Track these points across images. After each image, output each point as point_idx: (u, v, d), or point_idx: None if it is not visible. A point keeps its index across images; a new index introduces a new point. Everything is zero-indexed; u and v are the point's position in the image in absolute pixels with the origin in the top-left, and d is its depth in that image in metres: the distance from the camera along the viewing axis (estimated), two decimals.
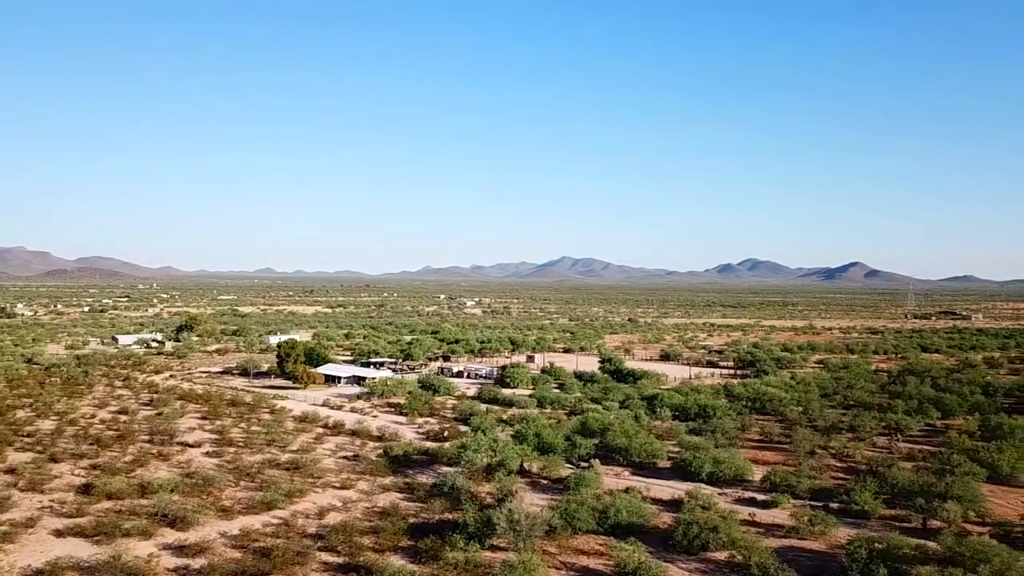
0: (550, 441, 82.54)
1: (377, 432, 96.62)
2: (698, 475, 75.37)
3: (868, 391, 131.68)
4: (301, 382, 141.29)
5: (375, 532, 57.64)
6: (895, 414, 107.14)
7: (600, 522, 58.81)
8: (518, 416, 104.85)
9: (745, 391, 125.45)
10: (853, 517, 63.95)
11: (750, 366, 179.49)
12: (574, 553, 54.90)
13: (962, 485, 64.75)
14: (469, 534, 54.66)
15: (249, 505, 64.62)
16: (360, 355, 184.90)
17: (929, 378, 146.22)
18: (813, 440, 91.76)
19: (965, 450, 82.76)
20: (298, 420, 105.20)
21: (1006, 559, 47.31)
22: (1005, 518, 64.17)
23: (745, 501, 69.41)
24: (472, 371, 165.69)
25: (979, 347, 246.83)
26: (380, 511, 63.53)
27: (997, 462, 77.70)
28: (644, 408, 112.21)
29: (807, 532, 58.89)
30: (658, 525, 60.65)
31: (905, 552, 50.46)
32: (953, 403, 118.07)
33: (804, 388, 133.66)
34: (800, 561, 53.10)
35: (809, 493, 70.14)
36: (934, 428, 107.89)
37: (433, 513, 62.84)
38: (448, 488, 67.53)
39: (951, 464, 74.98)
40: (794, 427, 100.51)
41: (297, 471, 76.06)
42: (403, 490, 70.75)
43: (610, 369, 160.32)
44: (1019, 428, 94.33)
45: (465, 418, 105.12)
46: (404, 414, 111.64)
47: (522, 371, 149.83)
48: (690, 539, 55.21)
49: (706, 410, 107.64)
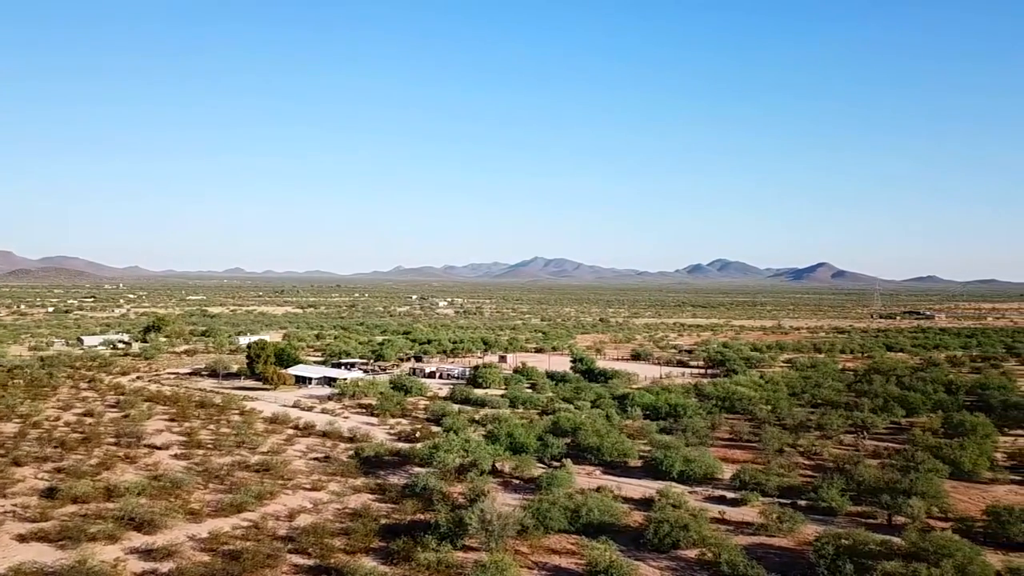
0: (522, 441, 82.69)
1: (348, 433, 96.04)
2: (669, 474, 76.00)
3: (835, 390, 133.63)
4: (271, 383, 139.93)
5: (346, 533, 57.32)
6: (861, 412, 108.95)
7: (572, 521, 59.07)
8: (490, 416, 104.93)
9: (715, 390, 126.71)
10: (821, 514, 64.93)
11: (720, 365, 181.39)
12: (546, 552, 55.06)
13: (926, 482, 66.16)
14: (441, 534, 54.60)
15: (218, 507, 63.89)
16: (331, 356, 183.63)
17: (894, 377, 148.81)
18: (782, 438, 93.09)
19: (929, 447, 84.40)
20: (268, 421, 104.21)
21: (968, 554, 48.38)
22: (967, 514, 65.49)
23: (715, 499, 70.13)
24: (444, 371, 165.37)
25: (942, 346, 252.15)
26: (351, 512, 63.19)
27: (959, 459, 79.40)
28: (615, 407, 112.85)
29: (776, 529, 59.66)
30: (629, 524, 61.05)
31: (871, 548, 51.37)
32: (917, 401, 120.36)
33: (773, 387, 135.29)
34: (769, 558, 53.81)
35: (778, 491, 71.06)
36: (899, 426, 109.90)
37: (405, 514, 62.64)
38: (420, 489, 67.36)
39: (915, 461, 76.48)
40: (763, 426, 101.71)
41: (267, 473, 75.34)
42: (375, 491, 70.40)
43: (582, 369, 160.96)
44: (980, 425, 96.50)
45: (437, 419, 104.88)
46: (376, 415, 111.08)
47: (494, 371, 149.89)
48: (661, 537, 55.64)
49: (676, 409, 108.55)
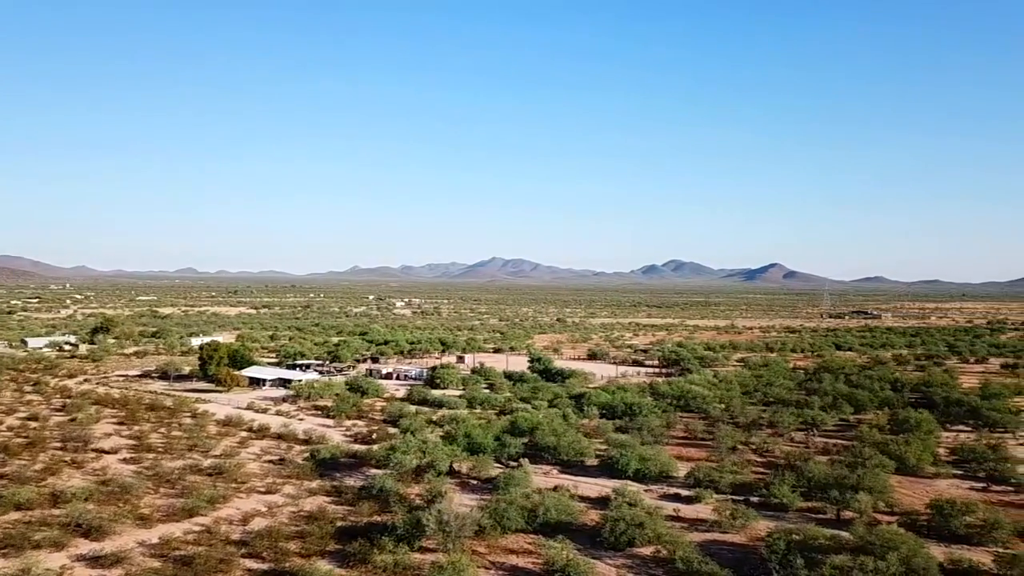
0: (480, 441, 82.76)
1: (304, 435, 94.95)
2: (625, 472, 76.79)
3: (786, 388, 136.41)
4: (224, 385, 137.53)
5: (301, 537, 56.74)
6: (811, 410, 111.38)
7: (529, 521, 59.34)
8: (448, 417, 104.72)
9: (670, 389, 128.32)
10: (772, 510, 66.28)
11: (674, 365, 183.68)
12: (504, 552, 55.21)
13: (872, 477, 68.07)
14: (398, 536, 54.36)
15: (169, 512, 62.66)
16: (286, 357, 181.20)
17: (843, 375, 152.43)
18: (735, 436, 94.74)
19: (875, 443, 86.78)
20: (221, 424, 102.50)
21: (913, 547, 49.89)
22: (912, 507, 67.50)
23: (670, 497, 71.09)
24: (401, 372, 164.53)
25: (888, 345, 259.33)
26: (307, 515, 62.54)
27: (904, 454, 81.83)
28: (572, 407, 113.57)
29: (729, 526, 60.76)
30: (586, 522, 61.54)
31: (820, 543, 52.65)
32: (865, 399, 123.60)
33: (726, 386, 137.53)
34: (722, 554, 54.74)
35: (731, 488, 72.35)
36: (847, 423, 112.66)
37: (361, 516, 62.22)
38: (377, 490, 66.98)
39: (862, 457, 78.61)
40: (717, 424, 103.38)
41: (220, 476, 74.09)
42: (330, 493, 69.77)
43: (539, 369, 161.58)
44: (924, 422, 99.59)
45: (394, 420, 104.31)
46: (331, 417, 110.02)
47: (452, 372, 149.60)
48: (617, 535, 56.23)
49: (632, 408, 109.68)
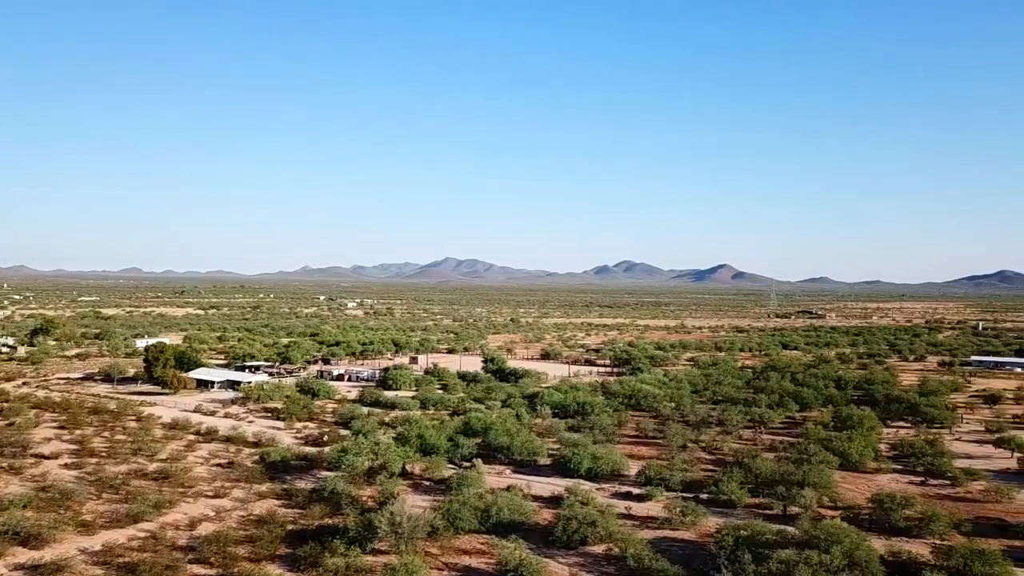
0: (433, 442, 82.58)
1: (253, 438, 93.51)
2: (577, 471, 77.42)
3: (735, 387, 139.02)
4: (171, 387, 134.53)
5: (251, 541, 55.94)
6: (759, 408, 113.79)
7: (482, 521, 59.46)
8: (401, 418, 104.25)
9: (621, 388, 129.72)
10: (721, 506, 67.54)
11: (626, 364, 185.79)
12: (457, 553, 55.19)
13: (817, 473, 69.89)
14: (350, 539, 53.97)
15: (113, 519, 61.15)
16: (235, 359, 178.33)
17: (789, 373, 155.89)
18: (685, 434, 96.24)
19: (820, 440, 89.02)
20: (168, 427, 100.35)
21: (855, 540, 51.40)
22: (855, 502, 69.53)
23: (622, 495, 71.93)
24: (353, 374, 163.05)
25: (832, 344, 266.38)
26: (256, 519, 61.68)
27: (847, 450, 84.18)
28: (525, 407, 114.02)
29: (679, 523, 61.74)
30: (539, 522, 61.90)
31: (767, 538, 53.86)
32: (810, 396, 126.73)
33: (676, 385, 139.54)
34: (673, 551, 55.58)
35: (681, 485, 73.51)
36: (793, 420, 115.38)
37: (313, 519, 61.59)
38: (328, 493, 66.39)
39: (808, 454, 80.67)
40: (667, 422, 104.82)
41: (166, 481, 72.61)
42: (281, 497, 68.90)
43: (493, 369, 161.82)
44: (866, 418, 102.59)
45: (346, 422, 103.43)
46: (282, 419, 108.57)
47: (405, 373, 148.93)
48: (569, 534, 56.69)
49: (584, 407, 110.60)
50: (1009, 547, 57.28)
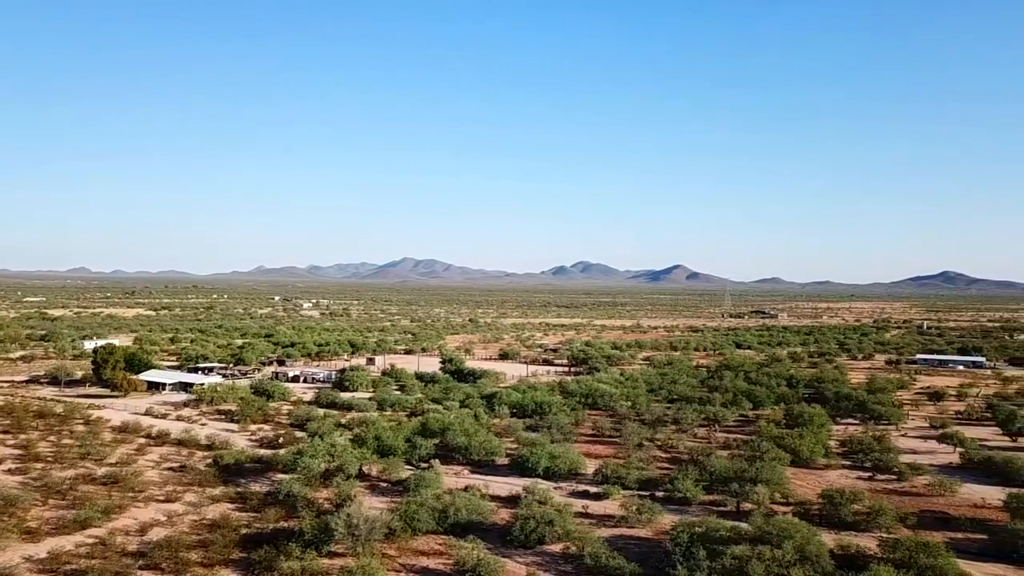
0: (390, 443, 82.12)
1: (206, 441, 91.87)
2: (535, 470, 77.74)
3: (690, 386, 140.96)
4: (121, 390, 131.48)
5: (203, 546, 54.99)
6: (713, 406, 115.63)
7: (440, 522, 59.34)
8: (357, 419, 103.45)
9: (578, 387, 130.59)
10: (677, 504, 68.48)
11: (583, 363, 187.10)
12: (414, 554, 55.00)
13: (770, 470, 71.29)
14: (306, 542, 53.39)
15: (59, 525, 59.51)
16: (187, 360, 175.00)
17: (742, 372, 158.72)
18: (641, 433, 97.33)
19: (772, 438, 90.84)
20: (117, 431, 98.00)
21: (806, 535, 52.57)
22: (806, 497, 71.08)
23: (579, 494, 72.41)
24: (309, 375, 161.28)
25: (784, 343, 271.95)
26: (209, 523, 60.63)
27: (799, 447, 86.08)
28: (484, 407, 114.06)
29: (636, 521, 62.42)
30: (497, 521, 61.99)
31: (721, 534, 54.72)
32: (763, 395, 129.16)
33: (632, 384, 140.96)
34: (629, 548, 56.17)
35: (637, 483, 74.34)
36: (747, 418, 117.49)
37: (267, 522, 60.77)
38: (283, 496, 65.62)
39: (760, 451, 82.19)
40: (624, 421, 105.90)
41: (116, 485, 70.94)
42: (235, 500, 67.86)
43: (451, 369, 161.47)
44: (817, 416, 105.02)
45: (302, 423, 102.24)
46: (236, 421, 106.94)
47: (362, 374, 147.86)
48: (527, 533, 56.90)
49: (542, 407, 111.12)
50: (952, 539, 59.23)
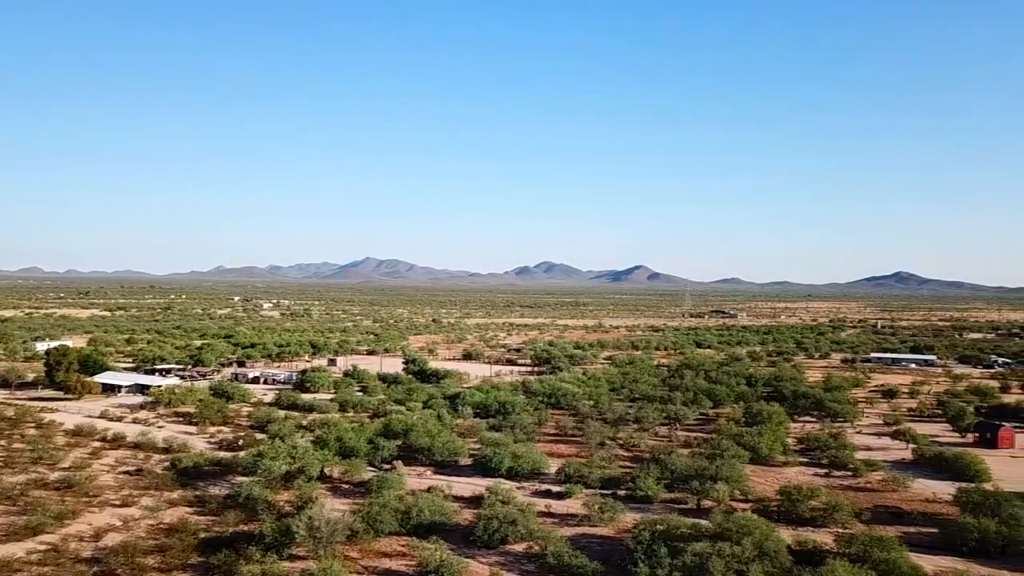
0: (352, 445, 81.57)
1: (164, 444, 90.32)
2: (498, 470, 77.86)
3: (651, 385, 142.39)
4: (75, 392, 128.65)
5: (161, 551, 54.10)
6: (674, 405, 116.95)
7: (403, 523, 59.15)
8: (319, 421, 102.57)
9: (541, 387, 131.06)
10: (638, 502, 69.13)
11: (546, 363, 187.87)
12: (376, 556, 54.74)
13: (729, 467, 72.37)
14: (266, 545, 52.80)
15: (10, 531, 58.04)
16: (144, 362, 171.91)
17: (703, 371, 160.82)
18: (603, 432, 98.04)
19: (732, 436, 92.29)
20: (71, 434, 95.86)
21: (765, 531, 53.53)
22: (764, 494, 72.21)
23: (542, 493, 72.71)
24: (269, 376, 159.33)
25: (743, 343, 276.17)
26: (167, 528, 59.68)
27: (758, 445, 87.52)
28: (447, 407, 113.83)
29: (598, 519, 62.87)
30: (460, 522, 61.98)
31: (682, 531, 55.45)
32: (723, 393, 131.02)
33: (595, 383, 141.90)
34: (592, 547, 56.57)
35: (600, 482, 74.89)
36: (707, 416, 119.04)
37: (227, 526, 59.97)
38: (243, 498, 64.77)
39: (720, 449, 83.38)
40: (586, 420, 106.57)
41: (69, 490, 69.43)
42: (193, 504, 66.84)
43: (414, 370, 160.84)
44: (775, 414, 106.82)
45: (262, 425, 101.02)
46: (194, 423, 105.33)
47: (323, 375, 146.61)
48: (490, 533, 56.98)
49: (505, 407, 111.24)
50: (905, 533, 60.73)
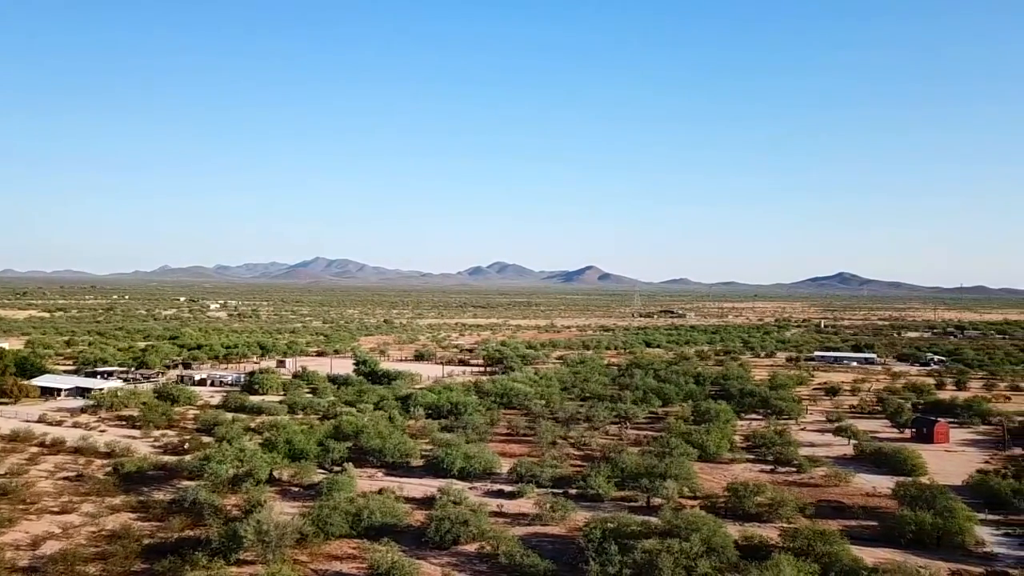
0: (302, 447, 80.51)
1: (106, 448, 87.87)
2: (450, 471, 77.71)
3: (602, 384, 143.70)
4: (11, 396, 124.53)
5: (103, 558, 52.70)
6: (624, 404, 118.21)
7: (354, 525, 58.63)
8: (268, 423, 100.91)
9: (494, 387, 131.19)
10: (589, 501, 69.72)
11: (498, 363, 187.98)
12: (327, 559, 54.17)
13: (678, 465, 73.50)
14: (213, 550, 51.81)
15: None
16: (85, 364, 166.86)
17: (652, 370, 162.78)
18: (554, 431, 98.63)
19: (681, 434, 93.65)
20: (7, 439, 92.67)
21: (712, 527, 54.53)
22: (712, 491, 73.55)
23: (494, 493, 72.81)
24: (216, 378, 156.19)
25: (692, 342, 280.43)
26: (109, 534, 58.11)
27: (705, 443, 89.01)
28: (399, 408, 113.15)
29: (550, 518, 63.23)
30: (412, 523, 61.70)
31: (633, 529, 56.20)
32: (671, 392, 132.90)
33: (546, 383, 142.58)
34: (543, 546, 56.88)
35: (551, 481, 75.28)
36: (656, 415, 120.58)
37: (172, 531, 58.66)
38: (189, 503, 63.45)
39: (670, 447, 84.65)
40: (538, 420, 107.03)
41: (5, 497, 67.09)
42: (137, 509, 65.21)
43: (365, 371, 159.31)
44: (723, 412, 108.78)
45: (209, 428, 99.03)
46: (138, 427, 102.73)
47: (272, 377, 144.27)
48: (442, 534, 56.87)
49: (458, 407, 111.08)
50: (846, 526, 62.47)
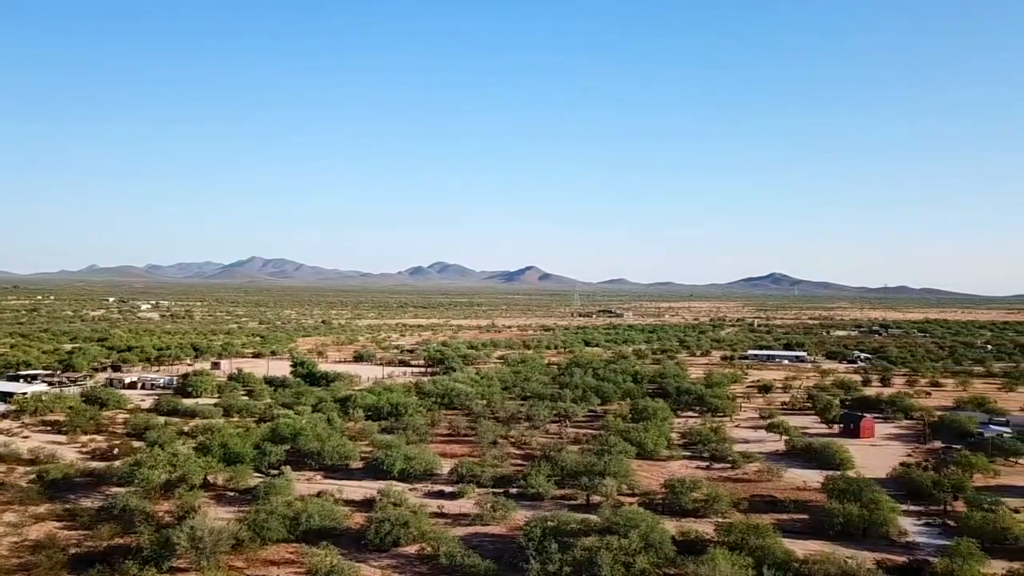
0: (237, 450, 78.84)
1: (29, 455, 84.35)
2: (390, 473, 77.19)
3: (542, 383, 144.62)
4: None
5: (26, 569, 50.70)
6: (564, 403, 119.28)
7: (291, 529, 57.73)
8: (202, 427, 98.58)
9: (434, 388, 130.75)
10: (530, 499, 70.15)
11: (439, 363, 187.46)
12: (264, 564, 53.21)
13: (617, 463, 74.61)
14: (144, 558, 50.38)
15: None
16: (6, 367, 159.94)
17: (591, 369, 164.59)
18: (495, 431, 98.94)
19: (619, 431, 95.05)
20: None
21: (651, 524, 55.57)
22: (650, 488, 74.83)
23: (435, 494, 72.64)
24: (147, 381, 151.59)
25: (630, 341, 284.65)
26: (32, 544, 55.86)
27: (643, 440, 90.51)
28: (337, 410, 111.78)
29: (490, 518, 63.40)
30: (351, 526, 61.05)
31: (572, 527, 56.83)
32: (610, 390, 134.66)
33: (487, 383, 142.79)
34: (484, 546, 57.00)
35: (492, 481, 75.48)
36: (596, 413, 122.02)
37: (101, 540, 56.77)
38: (119, 510, 61.48)
39: (608, 445, 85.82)
40: (479, 419, 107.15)
41: None
42: (63, 518, 62.86)
43: (303, 373, 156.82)
44: (660, 410, 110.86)
45: (140, 433, 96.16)
46: (64, 432, 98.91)
47: (206, 379, 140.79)
48: (382, 536, 56.48)
49: (398, 408, 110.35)
50: (778, 520, 64.33)
